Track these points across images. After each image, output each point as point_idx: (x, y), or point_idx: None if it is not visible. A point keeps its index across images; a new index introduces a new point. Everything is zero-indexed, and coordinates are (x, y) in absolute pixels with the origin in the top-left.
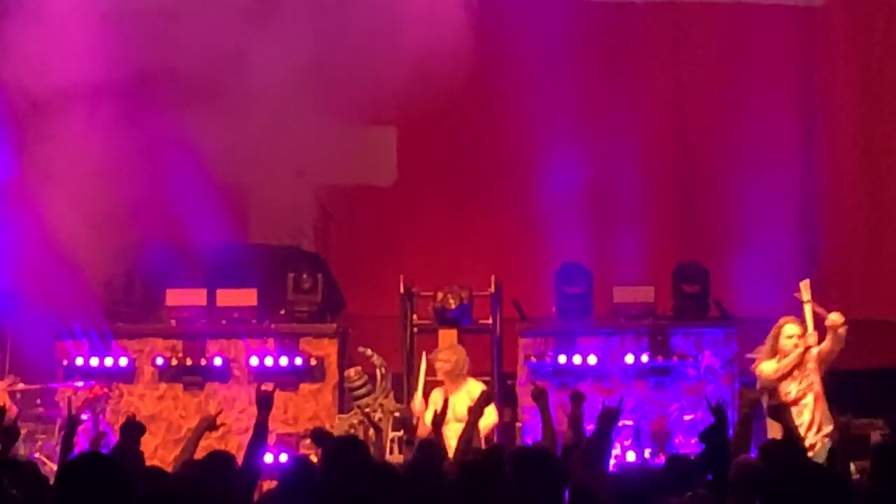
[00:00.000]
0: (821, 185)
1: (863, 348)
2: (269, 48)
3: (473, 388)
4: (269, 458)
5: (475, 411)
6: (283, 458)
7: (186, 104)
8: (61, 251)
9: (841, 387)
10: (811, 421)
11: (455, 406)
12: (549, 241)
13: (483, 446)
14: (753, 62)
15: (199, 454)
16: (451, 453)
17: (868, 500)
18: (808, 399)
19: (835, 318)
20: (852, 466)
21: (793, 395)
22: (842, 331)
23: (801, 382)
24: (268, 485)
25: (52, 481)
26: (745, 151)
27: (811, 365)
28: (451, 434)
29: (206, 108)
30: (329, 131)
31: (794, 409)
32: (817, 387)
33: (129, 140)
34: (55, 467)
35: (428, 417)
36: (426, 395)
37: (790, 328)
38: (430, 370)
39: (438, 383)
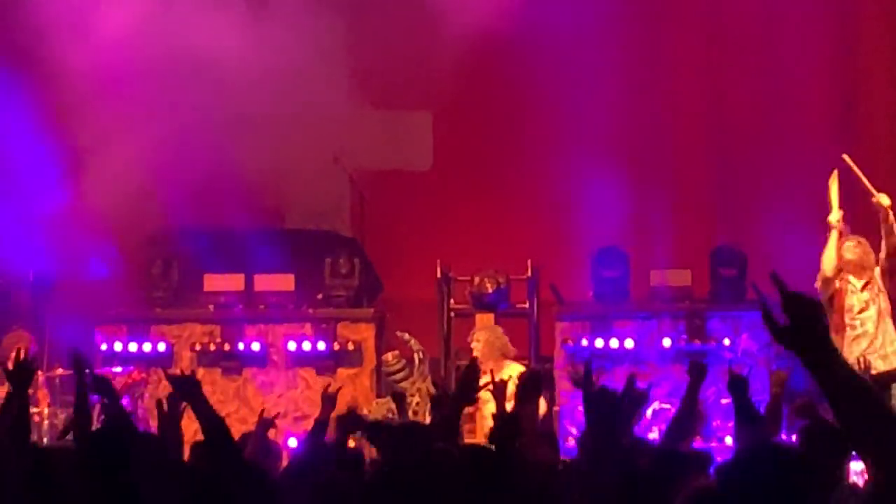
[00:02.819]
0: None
1: None
2: (305, 32)
3: (515, 372)
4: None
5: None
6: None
7: (223, 89)
8: (100, 237)
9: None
10: (872, 339)
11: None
12: (586, 225)
13: None
14: (791, 45)
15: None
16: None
17: None
18: (871, 312)
19: (884, 199)
20: None
21: (855, 310)
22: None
23: (863, 293)
24: None
25: None
26: (782, 133)
27: (877, 277)
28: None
29: (243, 93)
30: (365, 116)
31: (851, 334)
32: (883, 302)
33: (167, 124)
34: None
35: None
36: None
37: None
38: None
39: None
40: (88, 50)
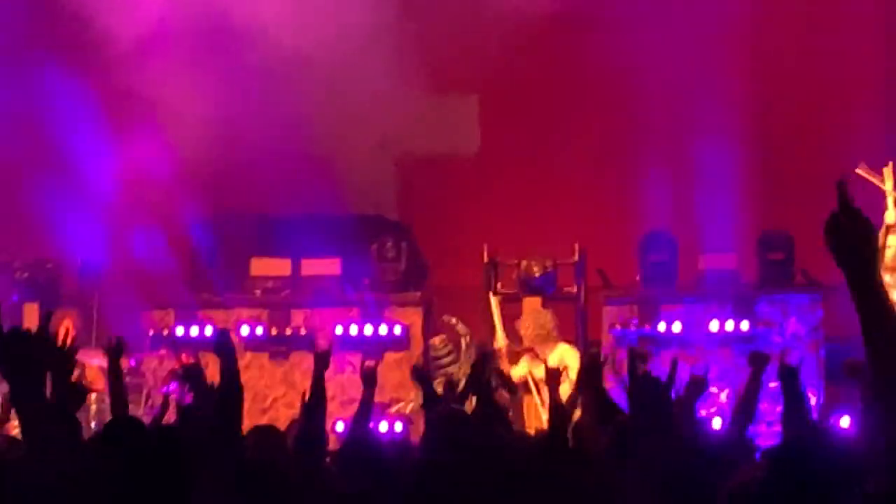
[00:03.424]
0: None
1: None
2: (351, 16)
3: (567, 354)
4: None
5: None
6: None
7: (270, 73)
8: (148, 221)
9: None
10: None
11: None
12: (633, 209)
13: None
14: (841, 29)
15: (286, 423)
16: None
17: None
18: None
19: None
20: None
21: None
22: None
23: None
24: None
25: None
26: (830, 117)
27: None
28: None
29: (291, 77)
30: (411, 100)
31: None
32: None
33: (215, 108)
34: None
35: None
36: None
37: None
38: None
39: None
40: (132, 35)
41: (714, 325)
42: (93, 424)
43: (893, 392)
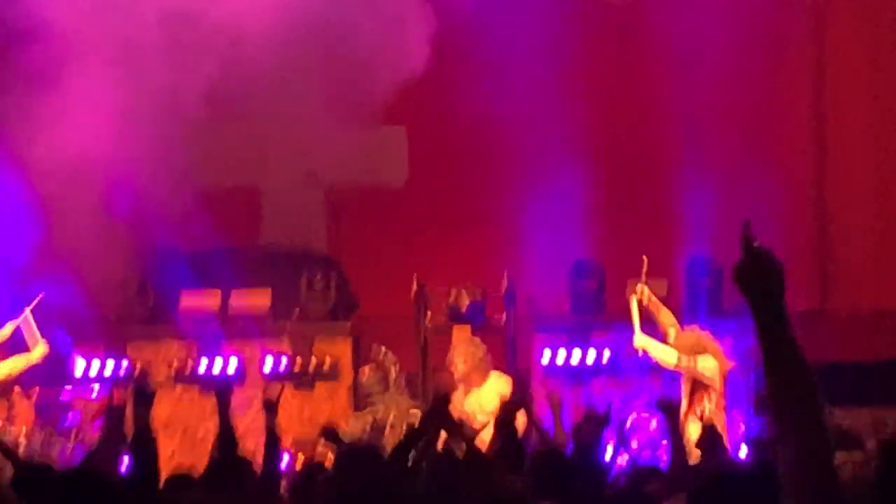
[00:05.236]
0: (831, 173)
1: (876, 339)
2: (278, 47)
3: (499, 384)
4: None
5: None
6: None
7: (196, 107)
8: (70, 258)
9: (853, 377)
10: None
11: (481, 400)
12: (561, 238)
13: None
14: (763, 45)
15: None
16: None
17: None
18: None
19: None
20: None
21: None
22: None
23: None
24: None
25: None
26: (754, 141)
27: None
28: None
29: (215, 109)
30: (339, 132)
31: None
32: None
33: (139, 140)
34: None
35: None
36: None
37: None
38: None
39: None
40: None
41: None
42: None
43: (787, 431)
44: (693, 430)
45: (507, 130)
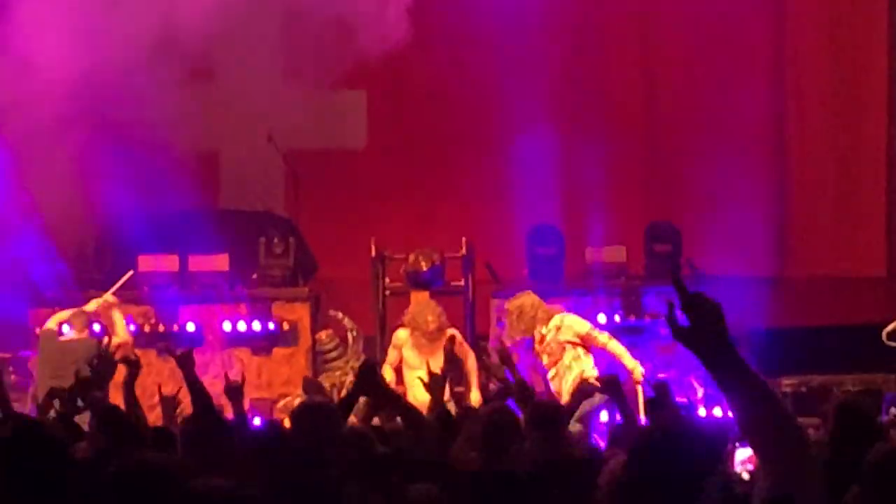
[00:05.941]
0: (790, 142)
1: (833, 306)
2: (238, 11)
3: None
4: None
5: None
6: (257, 422)
7: (153, 70)
8: (32, 221)
9: (811, 343)
10: None
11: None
12: (520, 203)
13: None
14: (723, 20)
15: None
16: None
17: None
18: None
19: None
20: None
21: None
22: None
23: None
24: None
25: None
26: (715, 111)
27: None
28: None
29: (175, 73)
30: (298, 95)
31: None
32: None
33: (97, 104)
34: None
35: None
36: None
37: None
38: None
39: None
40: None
41: (602, 318)
42: None
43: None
44: None
45: (466, 95)
